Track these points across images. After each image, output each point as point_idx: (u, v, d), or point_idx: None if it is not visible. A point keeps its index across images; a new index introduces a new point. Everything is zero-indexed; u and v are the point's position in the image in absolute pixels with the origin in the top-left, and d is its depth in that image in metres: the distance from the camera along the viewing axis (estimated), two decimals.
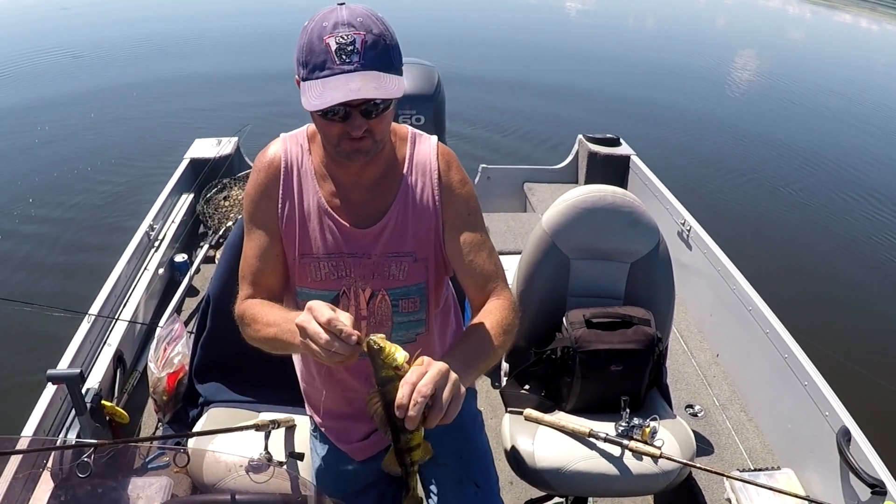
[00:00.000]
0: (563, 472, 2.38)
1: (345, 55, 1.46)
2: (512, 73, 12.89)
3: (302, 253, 1.76)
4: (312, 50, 1.48)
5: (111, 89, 11.34)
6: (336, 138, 1.57)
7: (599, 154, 5.61)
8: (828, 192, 8.67)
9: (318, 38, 1.47)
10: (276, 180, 1.75)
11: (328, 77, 1.46)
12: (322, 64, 1.47)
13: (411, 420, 1.24)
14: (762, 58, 17.44)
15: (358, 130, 1.51)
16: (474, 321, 1.66)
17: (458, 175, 1.78)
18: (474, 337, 1.59)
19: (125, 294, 3.83)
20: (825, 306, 6.16)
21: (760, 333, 3.51)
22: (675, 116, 11.17)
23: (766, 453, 3.39)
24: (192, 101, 10.74)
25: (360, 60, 1.46)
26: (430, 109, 4.19)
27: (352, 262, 1.74)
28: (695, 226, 4.39)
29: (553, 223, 2.68)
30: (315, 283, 1.77)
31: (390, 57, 1.52)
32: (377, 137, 1.58)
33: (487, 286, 1.74)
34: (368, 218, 1.74)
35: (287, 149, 1.77)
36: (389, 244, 1.74)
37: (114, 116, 10.05)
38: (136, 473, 1.98)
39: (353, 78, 1.45)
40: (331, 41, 1.46)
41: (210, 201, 5.09)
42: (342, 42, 1.46)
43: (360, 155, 1.58)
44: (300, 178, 1.75)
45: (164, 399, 3.16)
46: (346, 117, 1.51)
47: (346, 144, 1.57)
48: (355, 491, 2.01)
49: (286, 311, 1.61)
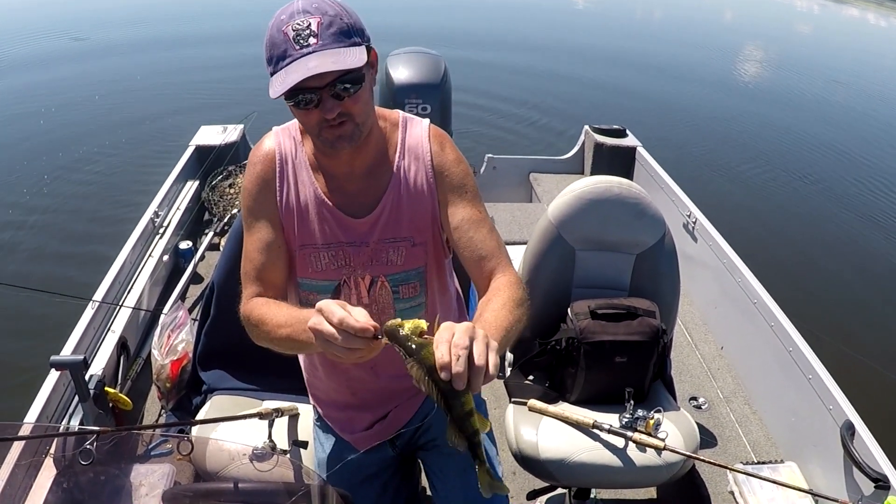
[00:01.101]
0: (567, 463, 2.38)
1: (301, 40, 1.48)
2: (519, 63, 12.86)
3: (302, 243, 1.75)
4: (274, 43, 1.51)
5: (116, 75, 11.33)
6: (316, 127, 1.57)
7: (605, 145, 5.59)
8: (835, 185, 8.65)
9: (278, 30, 1.50)
10: (273, 172, 1.75)
11: (289, 64, 1.48)
12: (283, 53, 1.49)
13: (459, 376, 1.16)
14: (769, 51, 17.39)
15: (331, 113, 1.52)
16: (484, 299, 1.63)
17: (451, 154, 1.78)
18: (488, 312, 1.54)
19: (129, 281, 3.82)
20: (831, 299, 6.15)
21: (765, 326, 3.50)
22: (681, 108, 11.15)
23: (770, 446, 3.39)
24: (198, 88, 10.72)
25: (318, 42, 1.48)
26: (436, 99, 4.18)
27: (351, 251, 1.74)
28: (700, 218, 4.37)
29: (559, 214, 2.66)
30: (316, 273, 1.76)
31: (349, 33, 1.53)
32: (357, 121, 1.58)
33: (490, 262, 1.71)
34: (364, 206, 1.74)
35: (280, 142, 1.77)
36: (386, 230, 1.73)
37: (118, 103, 10.03)
38: (138, 460, 1.98)
39: (310, 58, 1.47)
40: (288, 30, 1.48)
41: (215, 188, 5.09)
42: (299, 28, 1.48)
43: (344, 141, 1.58)
44: (295, 170, 1.75)
45: (168, 386, 3.16)
46: (317, 104, 1.52)
47: (327, 132, 1.57)
48: (359, 481, 2.00)
49: (296, 310, 1.59)
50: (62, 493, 1.83)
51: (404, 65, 4.15)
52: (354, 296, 1.77)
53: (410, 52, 4.32)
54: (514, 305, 1.57)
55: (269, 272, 1.75)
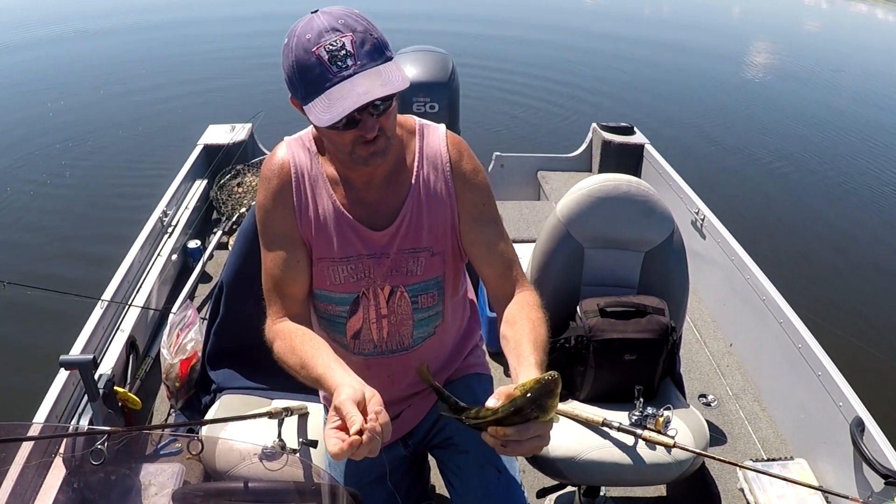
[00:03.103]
0: (576, 461, 2.37)
1: (339, 61, 1.43)
2: (526, 61, 12.85)
3: (320, 256, 1.74)
4: (304, 66, 1.45)
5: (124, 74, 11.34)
6: (349, 146, 1.54)
7: (613, 143, 5.58)
8: (845, 181, 8.62)
9: (306, 52, 1.44)
10: (289, 185, 1.72)
11: (330, 88, 1.43)
12: (319, 77, 1.44)
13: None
14: (778, 47, 17.34)
15: (372, 132, 1.49)
16: (521, 319, 1.64)
17: (470, 164, 1.77)
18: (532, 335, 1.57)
19: (138, 280, 3.83)
20: (841, 296, 6.13)
21: (774, 323, 3.49)
22: (689, 105, 11.14)
23: (780, 443, 3.38)
24: (206, 87, 10.74)
25: (357, 62, 1.43)
26: (444, 97, 4.17)
27: (372, 263, 1.73)
28: (709, 215, 4.36)
29: (567, 212, 2.66)
30: (334, 286, 1.75)
31: (381, 48, 1.48)
32: (388, 134, 1.56)
33: (510, 275, 1.74)
34: (384, 217, 1.73)
35: (294, 154, 1.74)
36: (406, 241, 1.72)
37: (126, 102, 10.05)
38: (148, 460, 1.98)
39: (355, 82, 1.42)
40: (320, 51, 1.43)
41: (223, 187, 5.10)
42: (332, 49, 1.43)
43: (377, 157, 1.56)
44: (312, 183, 1.72)
45: (177, 385, 3.16)
46: (356, 123, 1.48)
47: (360, 150, 1.54)
48: (370, 480, 1.99)
49: (316, 366, 1.54)
50: (72, 493, 1.84)
51: (412, 63, 4.14)
52: (373, 307, 1.76)
53: (418, 50, 4.31)
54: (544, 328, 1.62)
55: (290, 288, 1.72)
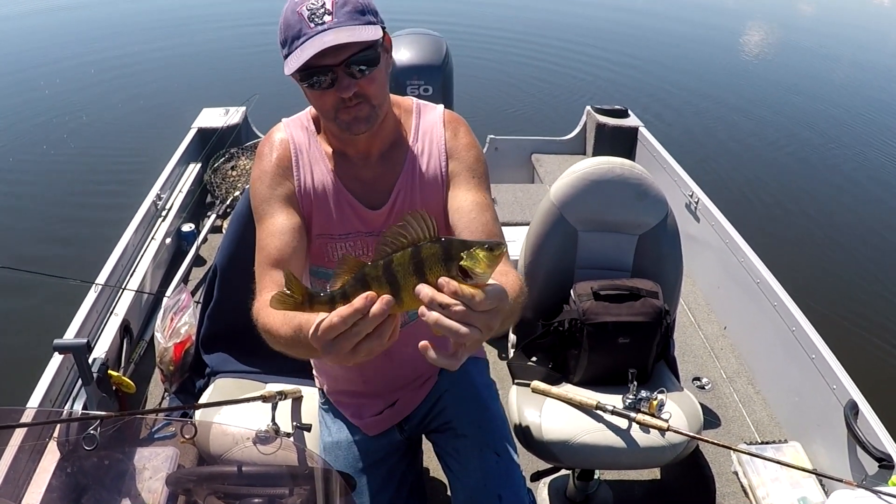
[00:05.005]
0: (570, 444, 2.38)
1: (317, 18, 1.48)
2: (520, 43, 12.78)
3: (319, 233, 1.75)
4: (288, 24, 1.52)
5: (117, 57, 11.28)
6: (332, 109, 1.57)
7: (607, 125, 5.57)
8: (839, 163, 8.60)
9: (292, 11, 1.52)
10: (288, 160, 1.74)
11: (304, 42, 1.48)
12: (298, 33, 1.50)
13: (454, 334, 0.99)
14: (772, 30, 17.27)
15: (347, 91, 1.52)
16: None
17: (465, 139, 1.79)
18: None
19: (132, 263, 3.83)
20: (835, 278, 6.13)
21: (768, 306, 3.50)
22: (683, 88, 11.09)
23: (774, 426, 3.39)
24: (200, 70, 10.69)
25: (334, 19, 1.48)
26: (437, 80, 4.16)
27: (370, 241, 1.74)
28: (703, 198, 4.36)
29: (561, 195, 2.66)
30: (332, 262, 1.75)
31: (364, 11, 1.53)
32: (373, 102, 1.58)
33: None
34: (380, 193, 1.74)
35: (292, 133, 1.77)
36: (400, 217, 1.71)
37: (120, 85, 10.00)
38: (142, 444, 1.99)
39: (326, 34, 1.47)
40: (303, 10, 1.50)
41: (218, 171, 5.09)
42: (313, 7, 1.49)
43: (360, 123, 1.58)
44: (310, 160, 1.74)
45: (171, 369, 3.16)
46: (333, 83, 1.52)
47: (343, 114, 1.57)
48: (365, 466, 2.00)
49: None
50: (66, 478, 1.84)
51: (406, 46, 4.13)
52: None
53: (412, 33, 4.29)
54: (516, 292, 1.43)
55: (287, 258, 1.63)
